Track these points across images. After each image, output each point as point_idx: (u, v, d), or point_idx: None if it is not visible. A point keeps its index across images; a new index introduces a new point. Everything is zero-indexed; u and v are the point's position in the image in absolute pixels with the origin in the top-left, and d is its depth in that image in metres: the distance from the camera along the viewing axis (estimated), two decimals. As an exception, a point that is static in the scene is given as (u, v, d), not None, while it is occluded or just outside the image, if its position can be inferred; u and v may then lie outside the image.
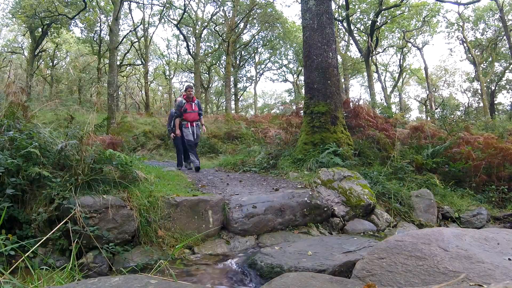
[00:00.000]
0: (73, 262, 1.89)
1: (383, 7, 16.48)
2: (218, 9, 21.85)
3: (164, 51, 30.11)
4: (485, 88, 22.52)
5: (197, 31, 22.48)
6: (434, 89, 30.11)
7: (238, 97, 29.24)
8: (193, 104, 6.21)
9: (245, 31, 22.75)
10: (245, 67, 28.58)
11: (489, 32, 23.10)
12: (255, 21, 21.86)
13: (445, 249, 1.48)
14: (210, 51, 24.89)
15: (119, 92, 24.83)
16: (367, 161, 5.37)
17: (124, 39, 20.98)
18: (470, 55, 23.14)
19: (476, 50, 23.44)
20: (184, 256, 2.79)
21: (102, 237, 2.64)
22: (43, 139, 3.03)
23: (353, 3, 18.11)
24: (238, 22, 20.40)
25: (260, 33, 23.68)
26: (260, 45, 26.23)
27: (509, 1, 19.52)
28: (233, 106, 26.25)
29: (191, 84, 6.24)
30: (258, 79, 29.92)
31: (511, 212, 4.46)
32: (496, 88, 25.16)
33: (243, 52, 26.05)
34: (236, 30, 20.66)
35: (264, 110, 31.51)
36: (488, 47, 22.56)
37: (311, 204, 3.65)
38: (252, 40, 24.52)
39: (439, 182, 4.95)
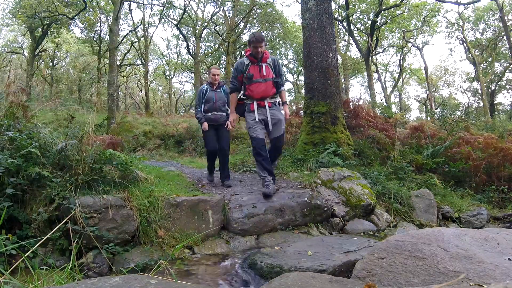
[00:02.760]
0: (73, 262, 1.89)
1: (383, 7, 16.48)
2: (218, 9, 21.87)
3: (164, 51, 30.18)
4: (485, 88, 22.52)
5: (197, 31, 22.49)
6: (434, 89, 30.12)
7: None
8: (263, 66, 3.64)
9: (245, 31, 22.74)
10: (245, 67, 28.51)
11: (489, 32, 23.12)
12: (255, 21, 21.85)
13: (445, 249, 1.48)
14: (210, 51, 24.90)
15: (119, 92, 24.85)
16: (367, 161, 5.37)
17: (124, 39, 20.99)
18: (470, 55, 23.14)
19: (476, 50, 23.44)
20: (184, 256, 2.79)
21: (102, 237, 2.64)
22: (43, 139, 3.03)
23: (353, 3, 18.11)
24: (238, 22, 20.40)
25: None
26: (260, 45, 26.18)
27: (509, 1, 19.52)
28: (233, 106, 26.22)
29: (261, 35, 3.58)
30: (258, 79, 29.85)
31: (511, 212, 4.46)
32: (496, 88, 25.15)
33: (243, 52, 26.02)
34: (236, 30, 20.66)
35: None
36: (488, 47, 22.56)
37: (311, 204, 3.65)
38: (252, 40, 24.46)
39: (439, 182, 4.95)
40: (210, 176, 4.84)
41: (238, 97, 3.94)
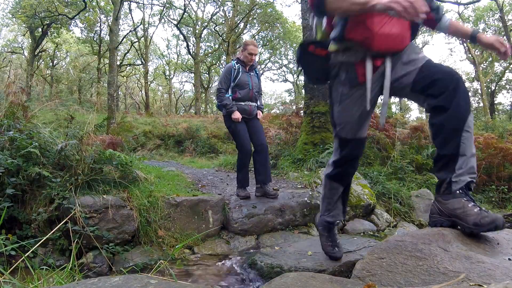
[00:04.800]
0: (73, 262, 1.89)
1: (383, 7, 16.47)
2: (218, 9, 21.89)
3: (164, 51, 30.24)
4: (485, 88, 22.52)
5: (197, 31, 22.50)
6: (434, 89, 30.09)
7: (238, 97, 29.20)
8: None
9: (245, 31, 22.76)
10: (245, 67, 28.57)
11: (489, 32, 23.11)
12: (255, 21, 21.87)
13: (445, 249, 1.48)
14: (210, 51, 24.92)
15: (119, 92, 24.86)
16: (367, 161, 5.37)
17: (124, 39, 20.99)
18: (470, 55, 23.16)
19: (476, 50, 23.45)
20: (184, 256, 2.79)
21: (102, 237, 2.64)
22: (43, 139, 3.03)
23: (353, 3, 18.10)
24: (238, 22, 20.40)
25: (260, 33, 23.71)
26: (260, 45, 26.25)
27: (509, 1, 19.53)
28: (233, 106, 26.24)
29: None
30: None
31: (511, 212, 4.47)
32: (496, 88, 25.18)
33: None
34: (236, 30, 20.66)
35: (264, 110, 31.55)
36: (488, 47, 22.52)
37: (311, 204, 3.65)
38: (252, 40, 24.50)
39: (439, 182, 4.95)
40: (243, 190, 3.62)
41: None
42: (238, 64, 3.50)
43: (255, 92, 3.56)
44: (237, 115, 3.40)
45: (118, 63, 19.54)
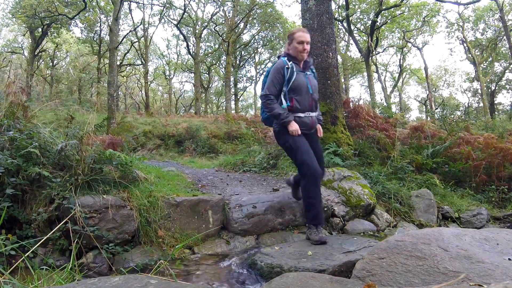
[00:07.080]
0: (73, 262, 1.89)
1: (383, 7, 16.49)
2: (218, 9, 21.90)
3: (164, 51, 30.26)
4: (485, 88, 22.53)
5: (197, 31, 22.50)
6: (434, 89, 30.15)
7: (238, 97, 29.28)
8: None
9: (245, 31, 22.77)
10: (245, 67, 28.67)
11: (489, 32, 23.14)
12: (255, 21, 21.87)
13: (445, 249, 1.48)
14: (210, 51, 24.93)
15: (119, 92, 24.86)
16: (367, 161, 5.37)
17: (124, 39, 21.00)
18: (470, 55, 23.16)
19: (476, 50, 23.46)
20: (184, 256, 2.79)
21: (102, 237, 2.64)
22: (43, 139, 3.03)
23: (353, 3, 18.12)
24: (238, 22, 20.40)
25: (260, 33, 23.72)
26: (260, 45, 26.28)
27: (509, 1, 19.52)
28: (233, 106, 26.30)
29: None
30: (258, 79, 29.97)
31: (511, 212, 4.46)
32: (496, 88, 25.17)
33: (243, 52, 26.08)
34: (236, 30, 20.66)
35: (264, 110, 31.45)
36: (488, 47, 22.57)
37: (311, 204, 3.64)
38: (252, 40, 24.57)
39: (439, 182, 4.95)
40: (317, 232, 2.69)
41: None
42: (291, 62, 2.66)
43: (314, 98, 2.76)
44: (295, 126, 2.60)
45: (118, 63, 19.54)
